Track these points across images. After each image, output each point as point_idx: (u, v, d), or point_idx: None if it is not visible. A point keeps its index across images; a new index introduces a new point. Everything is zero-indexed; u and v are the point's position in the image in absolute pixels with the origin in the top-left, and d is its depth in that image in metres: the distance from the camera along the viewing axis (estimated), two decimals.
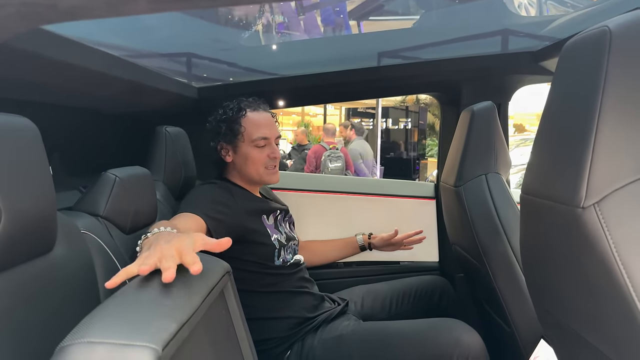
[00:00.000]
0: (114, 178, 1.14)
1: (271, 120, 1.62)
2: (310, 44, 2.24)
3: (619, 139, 0.66)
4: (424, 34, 2.13)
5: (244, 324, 0.85)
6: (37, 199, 0.73)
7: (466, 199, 1.59)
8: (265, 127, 1.58)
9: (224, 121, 1.58)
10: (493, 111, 1.62)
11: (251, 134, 1.56)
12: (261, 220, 1.56)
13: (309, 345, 1.45)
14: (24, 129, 0.73)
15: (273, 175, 1.61)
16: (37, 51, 0.96)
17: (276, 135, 1.61)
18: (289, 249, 1.61)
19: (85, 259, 0.91)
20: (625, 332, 0.66)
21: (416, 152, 9.40)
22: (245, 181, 1.62)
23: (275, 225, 1.61)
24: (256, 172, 1.58)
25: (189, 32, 1.86)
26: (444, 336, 1.37)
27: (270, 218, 1.61)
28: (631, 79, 0.66)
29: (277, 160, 1.61)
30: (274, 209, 1.64)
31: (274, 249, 1.53)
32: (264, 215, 1.58)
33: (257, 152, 1.57)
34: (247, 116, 1.58)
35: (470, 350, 1.33)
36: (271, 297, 1.51)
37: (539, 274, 0.92)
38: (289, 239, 1.63)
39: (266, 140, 1.57)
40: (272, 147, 1.59)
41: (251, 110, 1.59)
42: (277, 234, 1.58)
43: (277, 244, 1.55)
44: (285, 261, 1.57)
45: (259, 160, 1.57)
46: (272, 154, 1.58)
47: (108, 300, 0.62)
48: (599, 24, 0.70)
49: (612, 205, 0.66)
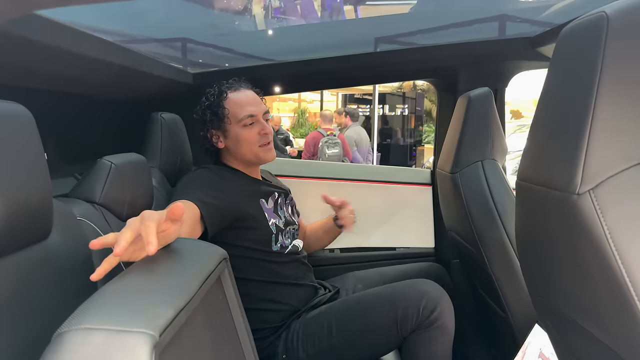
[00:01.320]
0: (109, 165, 1.14)
1: (255, 97, 1.59)
2: (307, 29, 2.22)
3: (615, 126, 0.66)
4: (421, 19, 2.12)
5: (241, 310, 0.86)
6: (33, 186, 0.73)
7: (462, 185, 1.59)
8: (249, 104, 1.55)
9: (208, 107, 1.57)
10: (490, 97, 1.61)
11: (236, 114, 1.54)
12: (259, 204, 1.54)
13: (294, 329, 1.47)
14: (18, 116, 0.73)
15: (269, 152, 1.57)
16: (30, 37, 0.95)
17: (263, 111, 1.58)
18: (287, 234, 1.60)
19: (82, 245, 0.91)
20: (619, 318, 0.67)
21: (413, 139, 9.39)
22: (242, 164, 1.60)
23: (274, 209, 1.59)
24: (250, 151, 1.55)
25: (183, 16, 1.84)
26: (413, 291, 1.41)
27: (270, 201, 1.58)
28: (628, 64, 0.66)
29: (269, 136, 1.57)
30: (272, 192, 1.62)
31: (271, 234, 1.52)
32: (262, 199, 1.55)
33: (247, 131, 1.54)
34: (228, 97, 1.56)
35: (437, 300, 1.37)
36: (268, 287, 1.51)
37: (534, 260, 0.93)
38: (287, 223, 1.61)
39: (253, 117, 1.54)
40: (261, 124, 1.55)
41: (232, 91, 1.57)
42: (275, 219, 1.56)
43: (275, 228, 1.53)
44: (284, 246, 1.56)
45: (250, 139, 1.54)
46: (262, 131, 1.55)
47: (105, 286, 0.62)
48: (596, 9, 0.69)
49: (608, 192, 0.66)
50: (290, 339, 1.44)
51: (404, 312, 1.36)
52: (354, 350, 1.41)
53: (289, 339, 1.44)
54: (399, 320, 1.36)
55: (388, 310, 1.38)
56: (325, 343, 1.39)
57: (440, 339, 1.37)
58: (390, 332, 1.38)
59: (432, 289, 1.41)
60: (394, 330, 1.37)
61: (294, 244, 1.62)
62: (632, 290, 0.63)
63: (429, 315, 1.35)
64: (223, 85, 1.59)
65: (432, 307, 1.36)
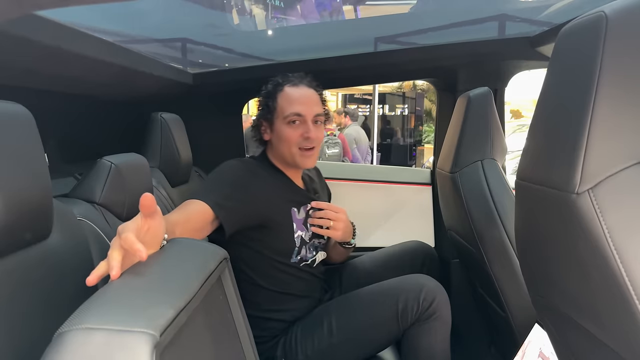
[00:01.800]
0: (109, 165, 1.14)
1: (310, 97, 1.48)
2: (307, 29, 2.22)
3: (614, 125, 0.67)
4: (421, 19, 2.12)
5: (241, 310, 0.86)
6: (33, 186, 0.73)
7: (462, 185, 1.60)
8: (300, 103, 1.45)
9: (263, 96, 1.51)
10: (489, 97, 1.62)
11: (284, 109, 1.45)
12: (290, 212, 1.47)
13: (292, 331, 1.45)
14: (18, 116, 0.73)
15: (307, 159, 1.47)
16: (30, 37, 0.95)
17: (313, 114, 1.46)
18: (311, 247, 1.54)
19: (82, 245, 0.91)
20: (618, 317, 0.67)
21: (413, 139, 9.39)
22: (282, 163, 1.52)
23: (305, 220, 1.51)
24: (289, 152, 1.46)
25: (183, 17, 1.84)
26: (411, 284, 1.41)
27: (302, 211, 1.51)
28: (627, 64, 0.66)
29: (312, 142, 1.45)
30: (307, 202, 1.53)
31: (294, 247, 1.47)
32: (294, 208, 1.48)
33: (290, 130, 1.44)
34: (283, 91, 1.47)
35: (435, 292, 1.38)
36: (277, 297, 1.47)
37: (533, 259, 0.93)
38: (314, 235, 1.53)
39: (300, 117, 1.44)
40: (306, 126, 1.44)
41: (290, 85, 1.48)
42: (302, 231, 1.49)
43: (299, 241, 1.48)
44: (303, 259, 1.51)
45: (291, 139, 1.44)
46: (306, 133, 1.44)
47: (105, 286, 0.62)
48: (595, 9, 0.69)
49: (607, 191, 0.66)
50: (289, 342, 1.43)
51: (404, 305, 1.36)
52: (354, 348, 1.41)
53: (287, 342, 1.44)
54: (400, 313, 1.37)
55: (389, 304, 1.38)
56: (324, 343, 1.39)
57: (439, 330, 1.39)
58: (392, 325, 1.38)
59: (429, 282, 1.42)
60: (395, 324, 1.37)
61: (314, 257, 1.56)
62: (631, 289, 0.63)
63: (428, 307, 1.36)
64: (285, 77, 1.51)
65: (431, 298, 1.37)
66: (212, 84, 2.12)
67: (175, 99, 2.01)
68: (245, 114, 7.76)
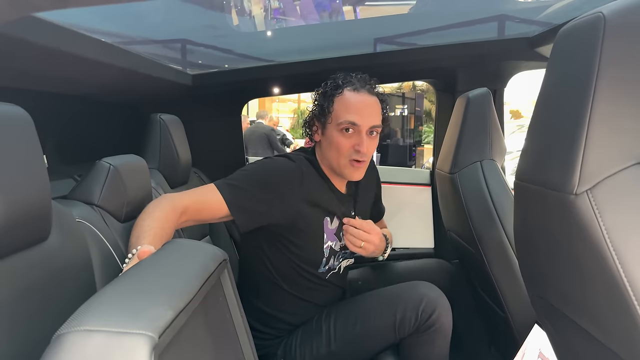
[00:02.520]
0: (108, 166, 1.14)
1: (370, 105, 1.37)
2: (306, 30, 2.22)
3: (612, 126, 0.67)
4: (421, 20, 2.12)
5: (240, 311, 0.86)
6: (31, 187, 0.73)
7: (461, 185, 1.60)
8: (357, 112, 1.34)
9: (320, 95, 1.41)
10: (488, 97, 1.62)
11: (339, 115, 1.35)
12: (322, 221, 1.41)
13: (294, 335, 1.45)
14: (16, 118, 0.73)
15: (355, 171, 1.38)
16: (29, 39, 0.95)
17: (369, 125, 1.35)
18: (340, 256, 1.50)
19: (81, 247, 0.91)
20: (617, 318, 0.67)
21: (412, 139, 9.38)
22: (328, 168, 1.43)
23: (337, 230, 1.45)
24: (337, 161, 1.37)
25: (183, 18, 1.85)
26: (411, 294, 1.37)
27: (335, 221, 1.44)
28: (625, 65, 0.66)
29: (363, 155, 1.35)
30: (344, 214, 1.46)
31: (322, 258, 1.42)
32: (327, 217, 1.42)
33: (342, 137, 1.35)
34: (342, 95, 1.36)
35: (435, 303, 1.34)
36: (294, 300, 1.45)
37: (532, 260, 0.93)
38: (344, 247, 1.47)
39: (354, 126, 1.34)
40: (360, 138, 1.34)
41: (350, 89, 1.37)
42: (333, 241, 1.44)
43: (328, 252, 1.43)
44: (331, 269, 1.48)
45: (341, 148, 1.35)
46: (357, 146, 1.34)
47: (104, 288, 0.62)
48: (593, 10, 0.69)
49: (605, 192, 0.66)
50: (290, 344, 1.43)
51: (402, 316, 1.34)
52: (351, 355, 1.40)
53: (288, 343, 1.44)
54: (398, 325, 1.34)
55: (387, 314, 1.36)
56: (323, 350, 1.38)
57: (438, 341, 1.36)
58: (388, 335, 1.36)
59: (430, 292, 1.37)
60: (391, 334, 1.36)
61: (341, 264, 1.52)
62: (629, 290, 0.63)
63: (427, 319, 1.33)
64: (346, 77, 1.40)
65: (431, 310, 1.33)
66: (212, 85, 2.12)
67: (174, 100, 2.01)
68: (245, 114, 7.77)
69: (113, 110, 1.83)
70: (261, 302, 1.46)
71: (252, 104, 9.82)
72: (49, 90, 1.37)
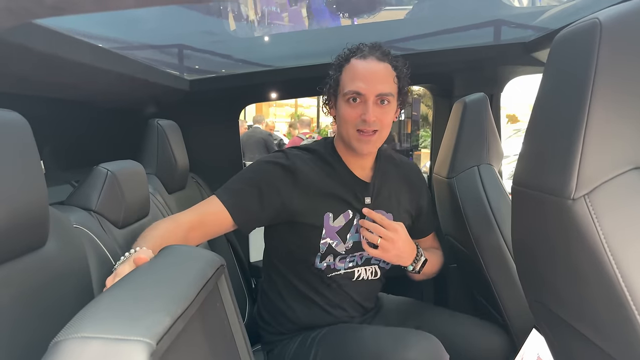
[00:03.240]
0: (105, 172, 1.14)
1: (377, 71, 1.29)
2: (303, 35, 2.23)
3: (608, 131, 0.67)
4: (417, 25, 2.13)
5: (238, 317, 0.86)
6: (29, 193, 0.73)
7: (458, 190, 1.60)
8: (362, 79, 1.28)
9: (332, 68, 1.37)
10: (485, 102, 1.62)
11: (345, 86, 1.30)
12: (322, 216, 1.33)
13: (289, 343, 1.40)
14: (13, 123, 0.73)
15: (363, 144, 1.30)
16: (26, 44, 0.95)
17: (376, 92, 1.27)
18: (349, 260, 1.38)
19: (78, 253, 0.91)
20: (615, 322, 0.67)
21: (409, 144, 9.40)
22: (344, 146, 1.37)
23: (343, 230, 1.34)
24: (346, 133, 1.31)
25: (179, 23, 1.85)
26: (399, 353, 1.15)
27: (340, 219, 1.34)
28: (621, 70, 0.66)
29: (371, 125, 1.28)
30: (354, 209, 1.35)
31: (316, 252, 1.34)
32: (329, 213, 1.33)
33: (348, 108, 1.29)
34: (349, 64, 1.31)
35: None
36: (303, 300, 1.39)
37: (530, 265, 0.93)
38: (354, 249, 1.36)
39: (360, 96, 1.28)
40: (366, 107, 1.27)
41: (357, 57, 1.31)
42: (334, 240, 1.33)
43: (326, 248, 1.33)
44: (333, 269, 1.37)
45: (348, 119, 1.29)
46: (363, 115, 1.27)
47: (102, 294, 0.62)
48: (589, 15, 0.70)
49: (602, 197, 0.66)
50: (280, 352, 1.40)
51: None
52: None
53: (280, 350, 1.42)
54: None
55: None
56: None
57: None
58: None
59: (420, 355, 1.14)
60: None
61: (351, 270, 1.39)
62: (627, 295, 0.64)
63: None
64: (358, 47, 1.34)
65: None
66: (209, 90, 2.12)
67: (172, 106, 2.01)
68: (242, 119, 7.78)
69: (110, 115, 1.83)
70: (272, 295, 1.45)
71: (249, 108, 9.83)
72: (47, 95, 1.37)
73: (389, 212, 1.42)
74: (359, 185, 1.39)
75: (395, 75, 1.32)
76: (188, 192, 1.87)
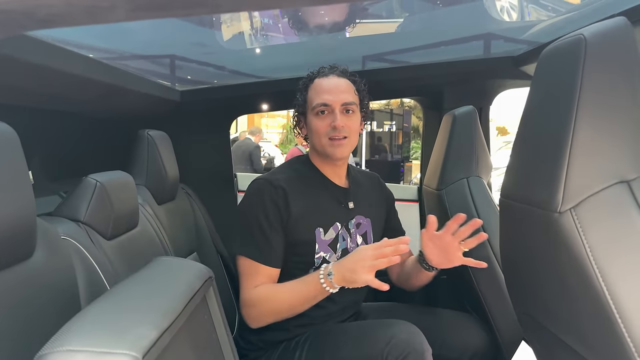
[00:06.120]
0: (94, 183, 1.13)
1: (338, 85, 1.44)
2: (295, 47, 2.24)
3: (594, 144, 0.68)
4: (408, 38, 2.15)
5: (226, 329, 0.85)
6: (16, 204, 0.72)
7: (448, 202, 1.61)
8: (328, 92, 1.42)
9: (298, 91, 1.50)
10: (474, 115, 1.64)
11: (312, 100, 1.43)
12: (314, 232, 1.40)
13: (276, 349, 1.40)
14: (2, 134, 0.72)
15: (337, 148, 1.41)
16: (16, 56, 0.95)
17: (341, 102, 1.40)
18: None
19: (66, 264, 0.90)
20: (601, 335, 0.68)
21: (400, 155, 9.44)
22: (319, 157, 1.48)
23: (333, 242, 1.42)
24: (319, 143, 1.43)
25: (171, 34, 1.85)
26: (380, 334, 1.27)
27: (331, 231, 1.42)
28: (605, 85, 0.68)
29: (341, 131, 1.39)
30: (344, 219, 1.44)
31: (312, 266, 1.40)
32: (319, 229, 1.41)
33: (318, 120, 1.42)
34: (314, 83, 1.46)
35: (405, 346, 1.22)
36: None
37: (518, 277, 0.93)
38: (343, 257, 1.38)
39: (327, 107, 1.40)
40: (333, 115, 1.40)
41: (320, 76, 1.46)
42: (327, 253, 1.41)
43: (320, 262, 1.40)
44: None
45: (319, 130, 1.41)
46: (333, 122, 1.39)
47: (88, 306, 0.61)
48: (575, 31, 0.71)
49: (588, 210, 0.67)
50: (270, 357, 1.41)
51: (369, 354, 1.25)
52: None
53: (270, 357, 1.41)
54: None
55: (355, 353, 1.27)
56: None
57: None
58: None
59: (402, 332, 1.25)
60: None
61: None
62: (613, 308, 0.64)
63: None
64: (317, 70, 1.49)
65: (398, 352, 1.22)
66: (200, 101, 2.12)
67: (162, 116, 2.01)
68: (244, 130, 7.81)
69: (100, 126, 1.82)
70: None
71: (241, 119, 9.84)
72: (36, 106, 1.36)
73: (368, 218, 1.52)
74: (340, 191, 1.49)
75: (355, 88, 1.47)
76: (178, 203, 1.86)
